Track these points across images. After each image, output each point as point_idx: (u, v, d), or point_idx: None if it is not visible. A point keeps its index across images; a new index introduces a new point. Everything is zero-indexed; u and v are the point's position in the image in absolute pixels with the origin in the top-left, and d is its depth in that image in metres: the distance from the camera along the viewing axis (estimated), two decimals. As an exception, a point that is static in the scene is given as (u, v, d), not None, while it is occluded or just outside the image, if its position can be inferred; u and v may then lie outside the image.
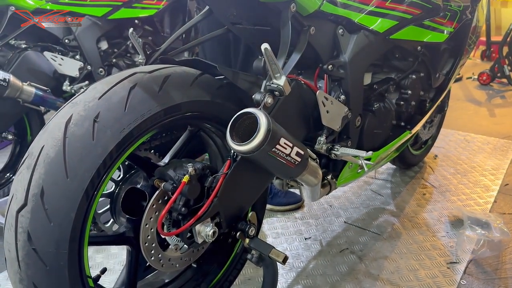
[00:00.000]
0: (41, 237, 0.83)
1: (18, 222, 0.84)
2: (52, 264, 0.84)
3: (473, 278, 1.57)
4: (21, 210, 0.83)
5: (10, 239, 0.85)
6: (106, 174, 0.88)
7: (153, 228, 1.01)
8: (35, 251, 0.83)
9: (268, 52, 0.95)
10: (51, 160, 0.83)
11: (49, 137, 0.86)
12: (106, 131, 0.87)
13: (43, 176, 0.83)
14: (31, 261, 0.84)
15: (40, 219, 0.82)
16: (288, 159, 1.03)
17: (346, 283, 1.55)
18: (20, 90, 1.89)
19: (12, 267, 0.86)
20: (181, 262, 1.09)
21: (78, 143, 0.84)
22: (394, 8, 1.42)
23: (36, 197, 0.82)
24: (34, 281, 0.84)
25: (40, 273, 0.84)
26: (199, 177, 1.03)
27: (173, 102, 0.98)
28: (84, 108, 0.87)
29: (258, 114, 0.94)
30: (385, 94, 1.56)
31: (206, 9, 1.31)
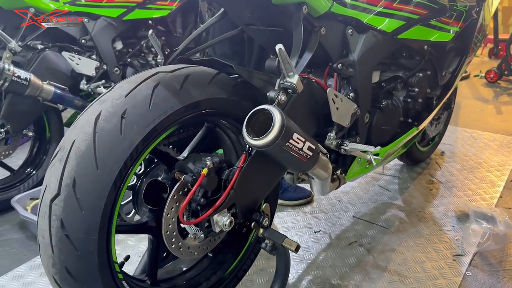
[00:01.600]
0: (73, 224, 0.89)
1: (51, 210, 0.90)
2: (83, 249, 0.90)
3: (478, 270, 1.62)
4: (54, 199, 0.90)
5: (44, 226, 0.91)
6: (132, 166, 0.95)
7: (174, 218, 1.07)
8: (67, 237, 0.89)
9: (282, 52, 1.01)
10: (82, 153, 0.90)
11: (80, 132, 0.92)
12: (133, 127, 0.93)
13: (75, 168, 0.89)
14: (63, 247, 0.90)
15: (72, 207, 0.89)
16: (300, 153, 1.09)
17: (354, 274, 1.61)
18: (40, 88, 1.97)
19: (45, 252, 0.93)
20: (199, 250, 1.15)
21: (107, 137, 0.91)
22: (401, 8, 1.47)
23: (69, 187, 0.89)
24: (66, 265, 0.91)
25: (71, 258, 0.91)
26: (216, 170, 1.09)
27: (193, 100, 1.04)
28: (112, 105, 0.94)
29: (272, 111, 1.00)
30: (392, 92, 1.61)
31: (221, 11, 1.37)
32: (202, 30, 1.42)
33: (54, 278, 0.94)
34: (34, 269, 1.69)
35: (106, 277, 0.95)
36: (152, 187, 1.15)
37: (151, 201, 1.13)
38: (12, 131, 2.00)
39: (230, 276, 1.32)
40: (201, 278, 1.26)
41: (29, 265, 1.71)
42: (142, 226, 1.11)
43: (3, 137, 1.98)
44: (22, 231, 1.95)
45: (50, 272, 0.94)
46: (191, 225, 1.11)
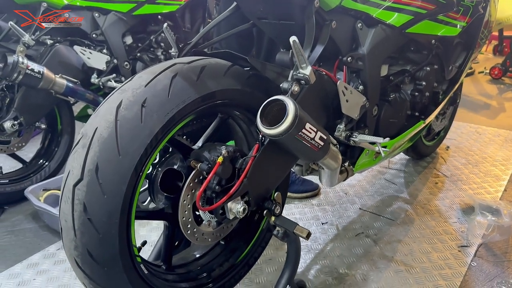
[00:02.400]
0: (95, 208, 0.93)
1: (74, 195, 0.94)
2: (104, 232, 0.94)
3: (483, 261, 1.66)
4: (77, 184, 0.94)
5: (67, 210, 0.95)
6: (152, 153, 0.99)
7: (189, 205, 1.11)
8: (90, 220, 0.93)
9: (296, 44, 1.04)
10: (105, 140, 0.94)
11: (102, 120, 0.96)
12: (153, 115, 0.97)
13: (97, 154, 0.93)
14: (86, 230, 0.94)
15: (95, 192, 0.93)
16: (312, 143, 1.12)
17: (361, 264, 1.65)
18: (53, 82, 2.00)
19: (67, 235, 0.97)
20: (212, 236, 1.19)
21: (129, 125, 0.95)
22: (409, 3, 1.50)
23: (92, 173, 0.93)
24: (88, 247, 0.95)
25: (93, 241, 0.95)
26: (231, 159, 1.13)
27: (209, 90, 1.08)
28: (132, 94, 0.98)
29: (286, 101, 1.03)
30: (400, 85, 1.64)
31: (233, 5, 1.40)
32: (214, 24, 1.45)
33: (76, 260, 0.97)
34: (48, 257, 1.74)
35: (126, 260, 0.99)
36: (168, 175, 1.18)
37: (166, 189, 1.16)
38: (25, 124, 2.03)
39: (242, 263, 1.36)
40: (214, 265, 1.30)
41: (43, 254, 1.75)
42: (159, 212, 1.15)
43: (17, 129, 2.01)
44: (35, 221, 1.99)
45: (72, 255, 0.98)
46: (206, 212, 1.14)
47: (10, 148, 2.14)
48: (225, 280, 1.29)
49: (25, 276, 1.63)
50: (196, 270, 1.26)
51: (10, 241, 1.86)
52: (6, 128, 1.99)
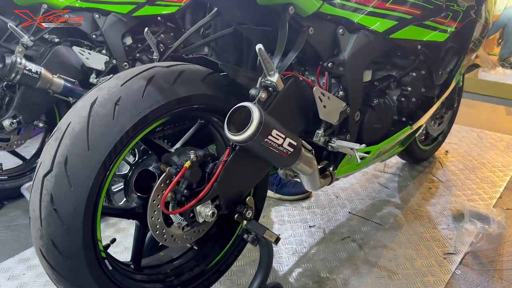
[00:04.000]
0: (62, 199, 0.96)
1: (43, 186, 0.97)
2: (69, 224, 0.97)
3: (468, 269, 1.64)
4: (47, 175, 0.97)
5: (35, 200, 0.98)
6: (122, 150, 1.02)
7: (159, 205, 1.14)
8: (55, 211, 0.96)
9: (262, 52, 1.06)
10: (76, 134, 0.97)
11: (76, 115, 1.00)
12: (125, 113, 1.00)
13: (68, 147, 0.96)
14: (51, 220, 0.97)
15: (62, 184, 0.96)
16: (280, 149, 1.13)
17: (344, 268, 1.65)
18: (50, 82, 2.05)
19: (35, 225, 0.99)
20: (182, 239, 1.21)
21: (101, 121, 0.98)
22: (394, 9, 1.49)
23: (60, 165, 0.96)
24: (52, 238, 0.98)
25: (58, 231, 0.97)
26: (201, 164, 1.15)
27: (184, 94, 1.11)
28: (108, 93, 1.02)
29: (251, 108, 1.05)
30: (385, 91, 1.63)
31: (214, 10, 1.42)
32: (195, 29, 1.48)
33: (41, 250, 1.00)
34: (39, 253, 1.79)
35: (89, 254, 1.02)
36: (143, 175, 1.21)
37: (141, 189, 1.19)
38: (24, 122, 2.09)
39: (213, 270, 1.38)
40: (185, 269, 1.32)
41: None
42: (130, 211, 1.18)
43: (16, 127, 2.07)
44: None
45: (37, 244, 1.00)
46: (177, 214, 1.17)
47: (9, 145, 2.20)
48: (194, 285, 1.31)
49: (15, 271, 1.69)
50: (166, 272, 1.29)
51: (6, 235, 1.92)
52: (5, 126, 2.04)
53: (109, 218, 1.98)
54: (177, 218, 1.19)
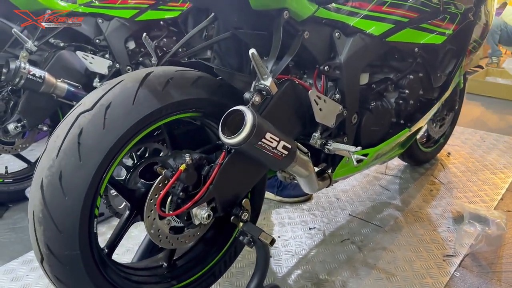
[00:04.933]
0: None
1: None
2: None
3: (467, 271, 1.64)
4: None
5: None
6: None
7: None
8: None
9: (255, 56, 1.07)
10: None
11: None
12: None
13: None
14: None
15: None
16: (275, 152, 1.15)
17: (343, 270, 1.65)
18: (54, 86, 2.09)
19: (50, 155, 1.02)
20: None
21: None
22: (391, 12, 1.50)
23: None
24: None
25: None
26: (196, 166, 1.17)
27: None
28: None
29: (245, 111, 1.06)
30: (383, 93, 1.64)
31: (212, 15, 1.44)
32: (193, 34, 1.49)
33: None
34: (43, 255, 1.81)
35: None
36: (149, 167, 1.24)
37: (146, 178, 1.23)
38: (29, 126, 2.12)
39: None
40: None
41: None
42: (129, 192, 1.21)
43: (20, 131, 2.11)
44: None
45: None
46: (172, 216, 1.19)
47: (14, 149, 2.24)
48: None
49: (19, 272, 1.72)
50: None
51: (10, 238, 1.95)
52: (10, 130, 2.08)
53: (111, 220, 2.00)
54: (174, 220, 1.21)
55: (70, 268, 1.02)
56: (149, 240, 1.42)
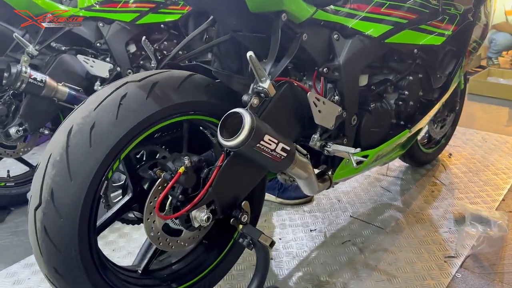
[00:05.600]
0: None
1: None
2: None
3: (468, 272, 1.64)
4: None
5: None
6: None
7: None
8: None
9: (253, 59, 1.08)
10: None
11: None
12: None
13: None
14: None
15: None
16: (273, 154, 1.15)
17: (344, 272, 1.65)
18: (55, 90, 2.09)
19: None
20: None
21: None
22: (389, 13, 1.50)
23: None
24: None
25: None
26: (196, 169, 1.17)
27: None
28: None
29: (243, 113, 1.07)
30: (383, 95, 1.64)
31: (210, 18, 1.44)
32: (192, 37, 1.50)
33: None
34: (44, 258, 1.82)
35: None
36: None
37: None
38: (30, 130, 2.13)
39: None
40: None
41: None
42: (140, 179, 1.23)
43: (22, 135, 2.12)
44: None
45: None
46: (172, 219, 1.19)
47: (16, 152, 2.25)
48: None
49: (21, 276, 1.72)
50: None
51: (12, 241, 1.96)
52: (12, 133, 2.09)
53: (113, 223, 2.00)
54: (173, 223, 1.21)
55: (64, 221, 1.00)
56: (150, 242, 1.42)
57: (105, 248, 1.85)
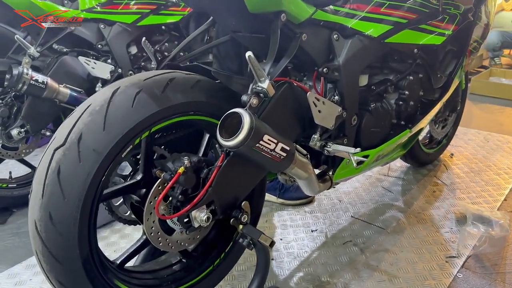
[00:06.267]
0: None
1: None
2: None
3: (470, 272, 1.63)
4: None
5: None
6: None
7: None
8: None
9: (252, 59, 1.08)
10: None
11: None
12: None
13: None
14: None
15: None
16: (273, 154, 1.15)
17: (345, 272, 1.65)
18: (56, 91, 2.10)
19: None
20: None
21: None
22: (389, 13, 1.50)
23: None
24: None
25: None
26: (195, 169, 1.17)
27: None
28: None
29: (242, 113, 1.07)
30: (383, 95, 1.64)
31: (210, 19, 1.45)
32: (192, 38, 1.51)
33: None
34: (46, 259, 1.83)
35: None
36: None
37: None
38: (32, 131, 2.14)
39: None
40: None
41: (6, 274, 1.79)
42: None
43: (24, 136, 2.13)
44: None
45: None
46: (172, 220, 1.19)
47: (18, 154, 2.26)
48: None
49: (22, 277, 1.73)
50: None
51: (14, 242, 1.97)
52: (14, 135, 2.10)
53: (114, 224, 2.01)
54: (174, 223, 1.21)
55: (82, 166, 1.01)
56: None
57: (106, 249, 1.86)
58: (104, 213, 1.35)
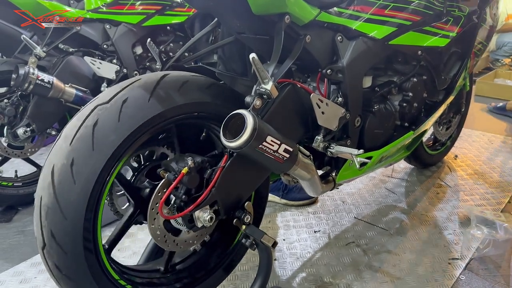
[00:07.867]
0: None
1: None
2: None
3: (473, 274, 1.63)
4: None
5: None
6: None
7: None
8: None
9: (255, 60, 1.09)
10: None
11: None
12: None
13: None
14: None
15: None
16: (276, 155, 1.16)
17: (347, 273, 1.65)
18: (62, 91, 2.12)
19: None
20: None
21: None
22: (393, 15, 1.50)
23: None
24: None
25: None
26: (199, 169, 1.18)
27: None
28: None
29: (245, 114, 1.08)
30: (387, 96, 1.64)
31: (215, 20, 1.46)
32: (196, 39, 1.51)
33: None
34: (51, 257, 1.84)
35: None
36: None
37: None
38: (37, 130, 2.16)
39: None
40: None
41: (11, 272, 1.80)
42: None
43: (29, 136, 2.14)
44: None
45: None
46: (175, 220, 1.20)
47: (24, 153, 2.28)
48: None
49: (27, 274, 1.74)
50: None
51: (19, 240, 1.99)
52: (19, 134, 2.11)
53: (116, 224, 2.02)
54: (177, 224, 1.22)
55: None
56: (154, 242, 1.43)
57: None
58: (108, 213, 1.36)
